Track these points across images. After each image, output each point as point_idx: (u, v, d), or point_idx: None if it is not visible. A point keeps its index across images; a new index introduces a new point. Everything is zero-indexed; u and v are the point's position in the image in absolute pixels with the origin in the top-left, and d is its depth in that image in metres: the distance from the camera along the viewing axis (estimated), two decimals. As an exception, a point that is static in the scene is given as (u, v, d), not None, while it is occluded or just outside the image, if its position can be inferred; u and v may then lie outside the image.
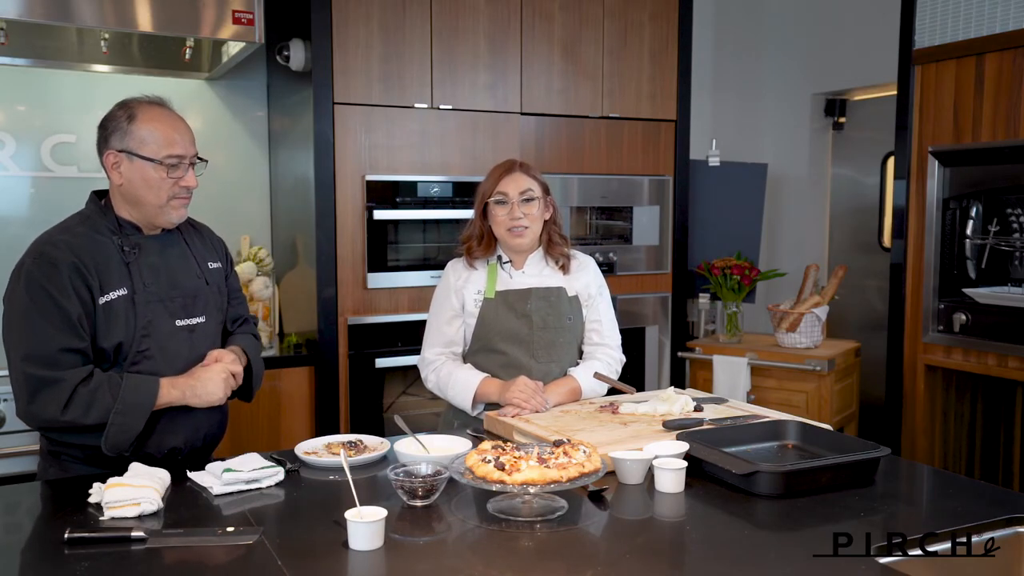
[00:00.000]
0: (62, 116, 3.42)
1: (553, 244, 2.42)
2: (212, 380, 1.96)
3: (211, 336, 2.08)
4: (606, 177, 3.79)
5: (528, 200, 2.32)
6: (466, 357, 2.42)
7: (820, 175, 4.66)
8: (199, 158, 2.01)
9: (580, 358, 2.51)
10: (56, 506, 1.72)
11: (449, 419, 2.46)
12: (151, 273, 1.97)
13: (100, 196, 2.03)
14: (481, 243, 2.39)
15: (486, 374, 2.34)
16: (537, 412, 2.23)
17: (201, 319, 2.05)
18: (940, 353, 3.19)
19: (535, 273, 2.41)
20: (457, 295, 2.40)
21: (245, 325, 2.23)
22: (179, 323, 2.00)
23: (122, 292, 1.91)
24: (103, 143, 1.95)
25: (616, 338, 2.53)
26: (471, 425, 2.30)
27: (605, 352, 2.48)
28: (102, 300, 1.89)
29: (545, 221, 2.40)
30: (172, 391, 1.93)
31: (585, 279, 2.47)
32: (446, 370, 2.37)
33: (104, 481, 1.68)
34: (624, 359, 2.53)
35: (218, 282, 2.13)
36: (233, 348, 2.09)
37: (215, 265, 2.14)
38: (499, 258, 2.42)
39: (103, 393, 1.84)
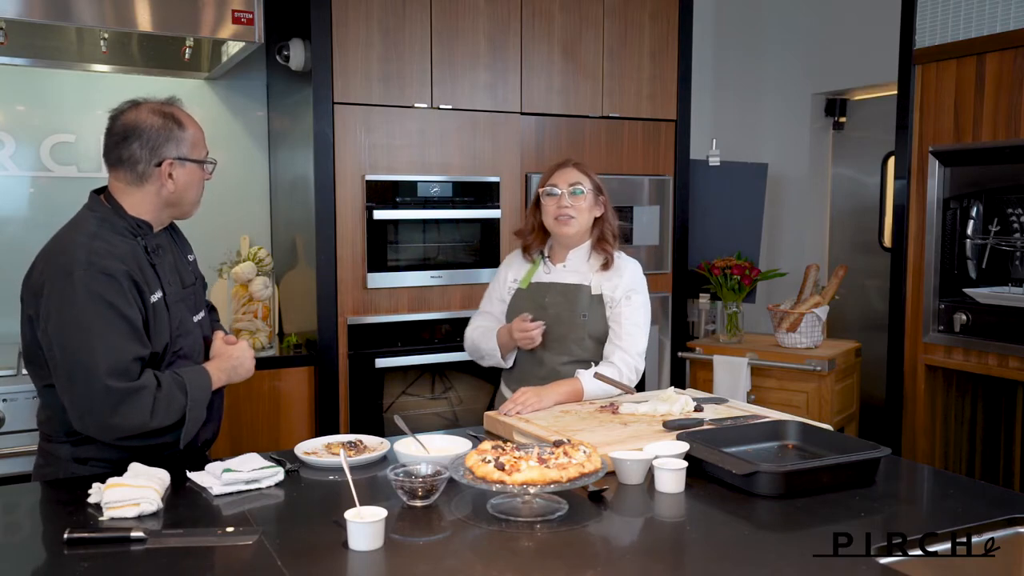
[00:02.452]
0: (62, 116, 3.42)
1: (603, 241, 2.54)
2: (245, 356, 2.06)
3: (208, 328, 2.14)
4: (606, 177, 3.78)
5: (576, 193, 2.46)
6: None
7: (820, 175, 4.66)
8: None
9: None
10: (56, 506, 1.72)
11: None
12: (171, 272, 2.01)
13: (97, 194, 2.00)
14: (533, 234, 2.57)
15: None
16: (536, 409, 2.25)
17: (202, 313, 2.12)
18: (940, 353, 3.18)
19: (574, 268, 2.54)
20: (503, 281, 2.63)
21: (214, 312, 2.31)
22: (195, 318, 2.06)
23: (159, 295, 1.94)
24: (151, 153, 1.92)
25: (636, 345, 2.48)
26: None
27: (621, 357, 2.45)
28: (149, 304, 1.91)
29: (597, 219, 2.54)
30: (219, 374, 2.00)
31: (617, 282, 2.51)
32: (478, 333, 2.61)
33: (103, 481, 1.68)
34: (642, 367, 2.49)
35: (199, 274, 2.20)
36: (227, 336, 2.15)
37: (192, 257, 2.19)
38: (541, 252, 2.59)
39: (175, 393, 1.87)
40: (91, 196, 2.01)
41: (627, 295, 2.50)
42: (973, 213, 3.12)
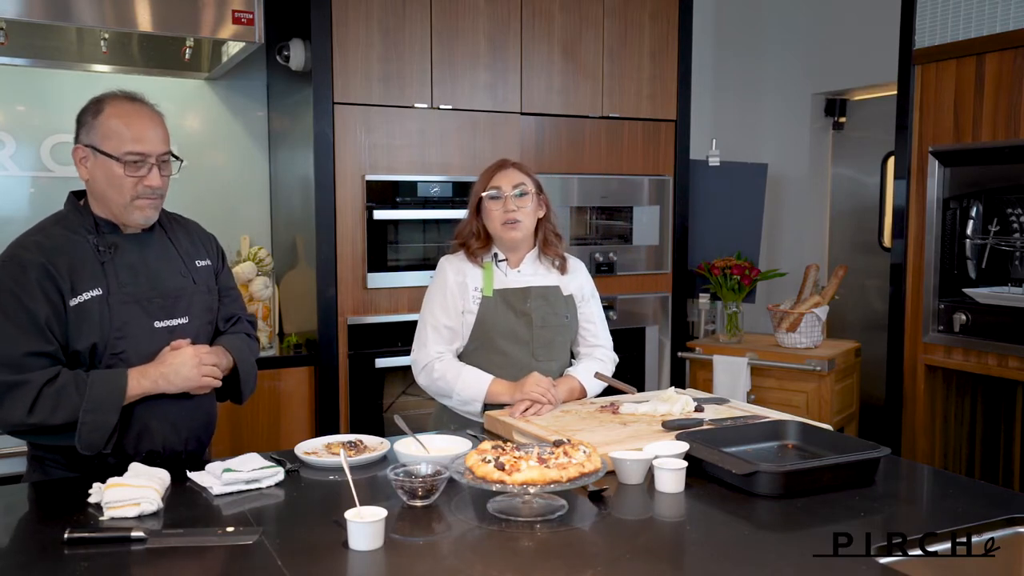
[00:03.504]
0: (62, 116, 3.42)
1: (548, 243, 2.43)
2: (184, 364, 1.88)
3: (193, 337, 1.98)
4: (606, 177, 3.79)
5: (521, 194, 2.33)
6: (463, 356, 2.40)
7: (820, 175, 4.66)
8: (173, 155, 1.94)
9: (572, 358, 2.52)
10: (56, 506, 1.72)
11: (444, 420, 2.45)
12: (128, 273, 1.91)
13: (79, 197, 1.99)
14: (478, 240, 2.39)
15: (493, 376, 2.32)
16: (552, 408, 2.23)
17: (183, 320, 1.97)
18: (940, 353, 3.18)
19: (531, 272, 2.42)
20: (460, 290, 2.38)
21: (238, 324, 2.14)
22: (158, 324, 1.93)
23: (96, 293, 1.85)
24: (75, 137, 1.92)
25: (609, 339, 2.56)
26: (466, 428, 2.29)
27: (602, 352, 2.51)
28: (74, 302, 1.83)
29: (540, 219, 2.41)
30: (142, 380, 1.85)
31: (579, 280, 2.49)
32: (454, 368, 2.33)
33: (103, 482, 1.68)
34: (617, 358, 2.56)
35: (207, 281, 2.05)
36: (216, 348, 2.01)
37: (203, 263, 2.06)
38: (495, 256, 2.41)
39: (69, 391, 1.79)
40: (68, 196, 2.00)
41: (592, 292, 2.53)
42: (973, 213, 3.12)
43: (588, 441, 1.82)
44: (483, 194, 2.36)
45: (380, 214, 3.32)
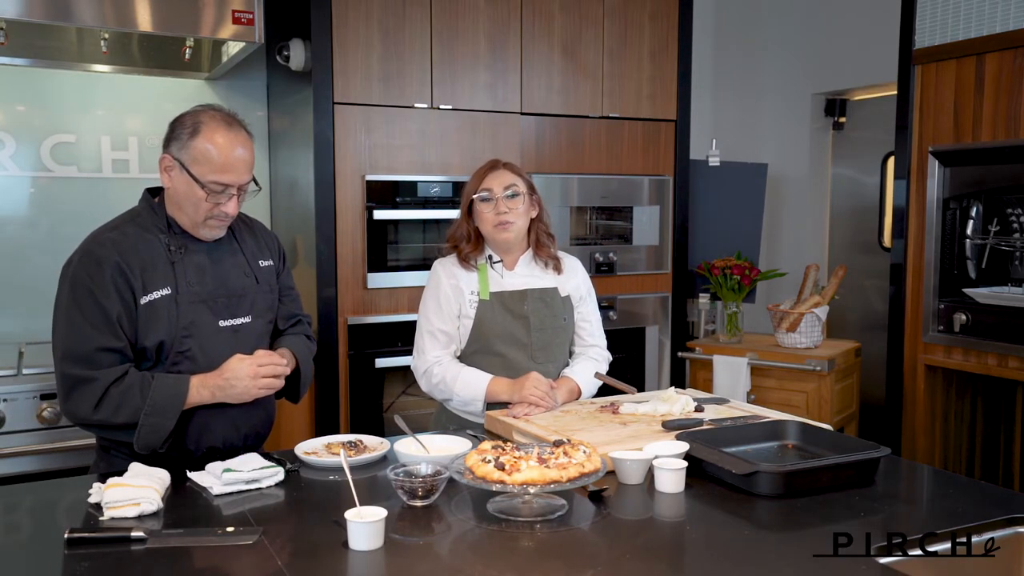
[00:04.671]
0: (62, 116, 3.42)
1: (541, 244, 2.42)
2: (240, 378, 1.93)
3: (257, 336, 2.06)
4: (606, 177, 3.79)
5: (513, 196, 2.31)
6: (461, 359, 2.40)
7: (820, 175, 4.66)
8: (254, 181, 1.99)
9: (569, 358, 2.52)
10: (56, 506, 1.72)
11: (443, 422, 2.45)
12: (196, 273, 1.97)
13: (154, 194, 2.03)
14: (470, 242, 2.38)
15: (491, 375, 2.33)
16: (550, 410, 2.23)
17: (247, 319, 2.03)
18: (940, 353, 3.18)
19: (527, 273, 2.41)
20: (453, 293, 2.37)
21: (298, 325, 2.22)
22: (223, 323, 1.99)
23: (166, 292, 1.92)
24: (166, 143, 1.95)
25: (604, 339, 2.56)
26: (466, 428, 2.29)
27: (597, 352, 2.51)
28: (144, 300, 1.89)
29: (532, 220, 2.40)
30: (202, 391, 1.92)
31: (576, 280, 2.49)
32: (452, 370, 2.33)
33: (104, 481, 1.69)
34: (611, 357, 2.56)
35: (269, 280, 2.12)
36: (282, 351, 2.08)
37: (267, 263, 2.12)
38: (489, 258, 2.41)
39: (133, 394, 1.85)
40: (143, 193, 2.04)
41: (589, 292, 2.53)
42: (973, 213, 3.12)
43: (588, 441, 1.82)
44: (474, 196, 2.34)
45: (380, 214, 3.32)
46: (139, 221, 1.97)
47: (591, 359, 2.48)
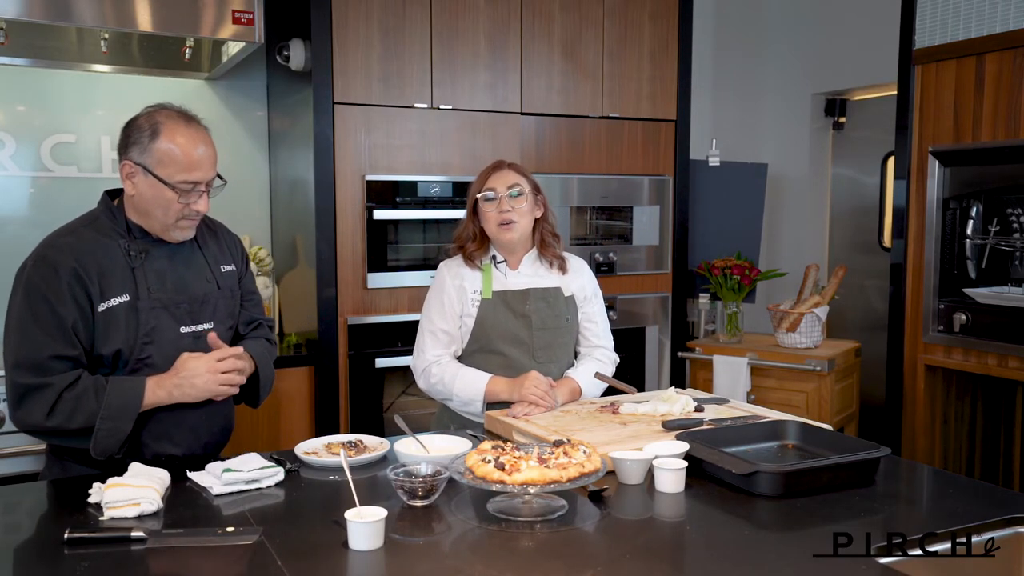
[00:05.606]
0: (62, 116, 3.42)
1: (546, 244, 2.43)
2: (199, 374, 1.90)
3: (223, 342, 2.01)
4: (606, 177, 3.79)
5: (516, 195, 2.32)
6: (462, 358, 2.41)
7: (820, 175, 4.66)
8: (219, 176, 1.97)
9: (575, 359, 2.51)
10: (56, 506, 1.72)
11: (444, 421, 2.45)
12: (157, 279, 1.93)
13: (113, 196, 2.00)
14: (475, 242, 2.39)
15: (491, 374, 2.33)
16: (550, 410, 2.23)
17: (208, 325, 2.00)
18: (940, 353, 3.18)
19: (531, 273, 2.42)
20: (457, 294, 2.38)
21: (259, 329, 2.17)
22: (184, 330, 1.95)
23: (124, 298, 1.88)
24: (123, 149, 1.91)
25: (610, 339, 2.56)
26: (466, 428, 2.29)
27: (603, 353, 2.51)
28: (102, 307, 1.85)
29: (537, 220, 2.40)
30: (158, 391, 1.88)
31: (581, 280, 2.48)
32: (451, 370, 2.34)
33: (104, 480, 1.68)
34: (618, 359, 2.56)
35: (231, 285, 2.08)
36: (235, 349, 2.02)
37: (228, 268, 2.09)
38: (493, 258, 2.41)
39: (88, 398, 1.81)
40: (102, 196, 2.00)
41: (595, 293, 2.53)
42: (973, 213, 3.12)
43: (588, 441, 1.82)
44: (478, 196, 2.35)
45: (380, 214, 3.32)
46: (97, 225, 1.92)
47: (595, 360, 2.48)
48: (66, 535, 1.48)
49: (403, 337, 3.38)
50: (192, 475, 1.82)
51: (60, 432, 1.84)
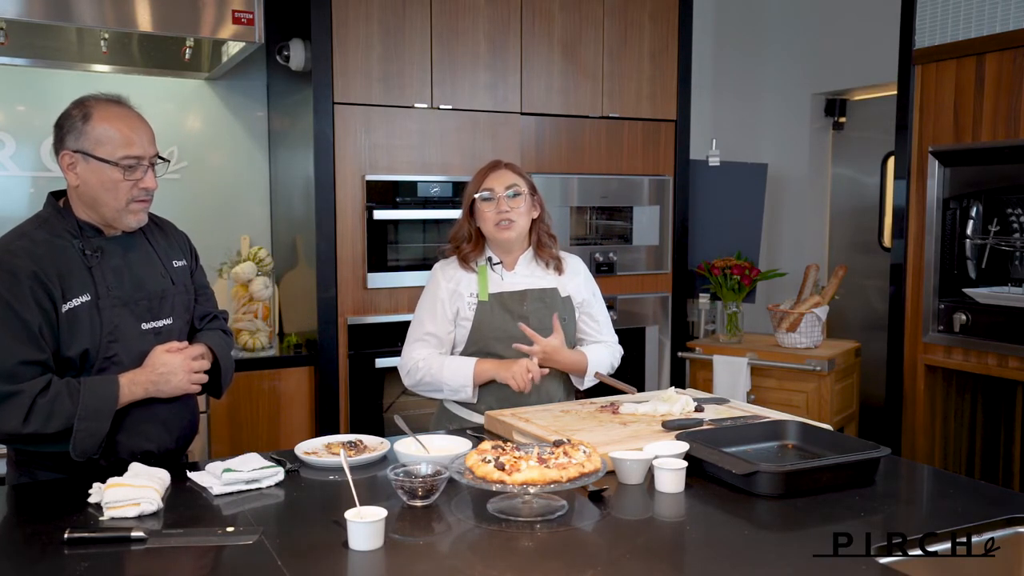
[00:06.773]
0: (62, 116, 3.42)
1: (542, 245, 2.43)
2: (175, 372, 1.91)
3: (178, 337, 2.01)
4: (606, 177, 3.79)
5: (514, 195, 2.33)
6: None
7: (820, 175, 4.66)
8: (160, 158, 1.94)
9: None
10: (56, 506, 1.72)
11: (443, 422, 2.45)
12: (115, 276, 1.91)
13: (57, 197, 1.97)
14: (471, 242, 2.39)
15: (476, 358, 2.34)
16: (544, 355, 2.28)
17: (168, 320, 1.99)
18: (940, 353, 3.18)
19: (527, 274, 2.41)
20: (451, 297, 2.38)
21: (214, 321, 2.16)
22: (145, 326, 1.94)
23: (85, 298, 1.85)
24: (58, 143, 1.88)
25: (614, 336, 2.57)
26: (466, 428, 2.29)
27: (608, 347, 2.51)
28: (65, 308, 1.83)
29: (534, 220, 2.40)
30: (134, 388, 1.87)
31: (578, 281, 2.48)
32: (437, 362, 2.34)
33: (103, 482, 1.68)
34: (622, 352, 2.58)
35: (184, 281, 2.07)
36: (198, 346, 2.03)
37: (180, 263, 2.07)
38: (489, 259, 2.41)
39: (63, 401, 1.79)
40: (47, 197, 1.98)
41: (593, 293, 2.53)
42: (973, 213, 3.12)
43: (588, 441, 1.82)
44: (476, 195, 2.35)
45: (380, 214, 3.32)
46: (48, 227, 1.89)
47: (607, 345, 2.50)
48: (66, 535, 1.48)
49: (403, 337, 3.34)
50: (192, 475, 1.82)
51: (36, 437, 1.81)
